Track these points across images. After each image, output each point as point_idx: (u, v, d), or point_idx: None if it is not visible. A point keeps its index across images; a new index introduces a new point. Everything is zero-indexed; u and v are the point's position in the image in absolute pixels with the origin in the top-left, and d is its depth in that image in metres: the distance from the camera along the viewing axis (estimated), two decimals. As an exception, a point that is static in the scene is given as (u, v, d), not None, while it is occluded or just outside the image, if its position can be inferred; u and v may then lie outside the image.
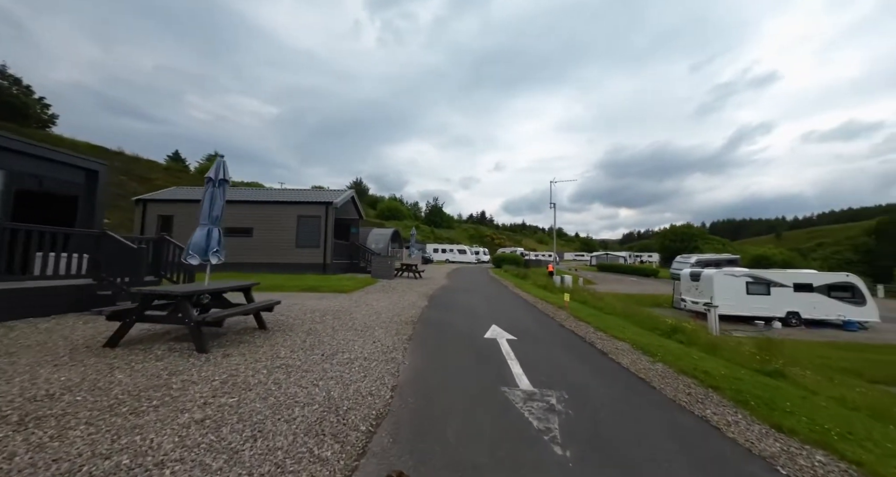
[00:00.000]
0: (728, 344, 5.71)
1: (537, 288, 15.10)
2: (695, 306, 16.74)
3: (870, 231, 57.41)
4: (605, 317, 8.23)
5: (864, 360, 10.37)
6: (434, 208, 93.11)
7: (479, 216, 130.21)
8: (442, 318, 7.46)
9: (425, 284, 14.01)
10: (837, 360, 10.36)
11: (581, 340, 6.01)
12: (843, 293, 14.74)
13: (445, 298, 10.58)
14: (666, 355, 4.86)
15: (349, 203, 17.89)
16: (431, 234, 75.75)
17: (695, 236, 58.87)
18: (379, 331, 5.85)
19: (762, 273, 15.60)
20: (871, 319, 14.45)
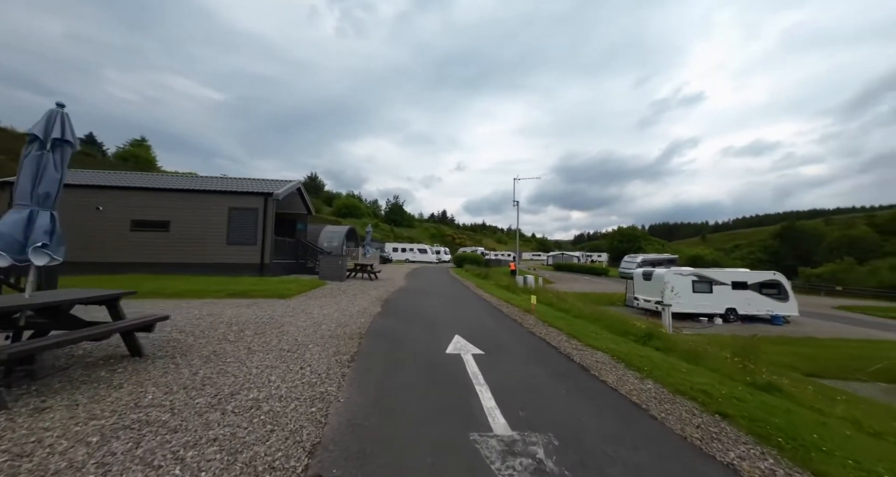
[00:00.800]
0: (707, 351, 5.34)
1: (500, 289, 14.52)
2: (647, 304, 17.36)
3: (775, 235, 66.58)
4: (574, 321, 7.69)
5: (794, 354, 11.11)
6: (394, 206, 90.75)
7: (441, 215, 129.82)
8: (396, 328, 6.33)
9: (381, 286, 12.72)
10: (776, 354, 10.99)
11: (555, 351, 5.26)
12: (771, 290, 16.10)
13: (402, 303, 9.44)
14: (653, 369, 4.23)
15: (295, 196, 15.90)
16: (391, 232, 73.56)
17: (638, 238, 63.73)
18: (313, 350, 4.58)
19: (705, 272, 16.56)
20: (792, 314, 15.94)
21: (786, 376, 6.66)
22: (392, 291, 11.62)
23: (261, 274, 12.53)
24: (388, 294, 10.87)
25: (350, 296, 9.93)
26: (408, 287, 13.56)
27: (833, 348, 11.80)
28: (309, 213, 17.09)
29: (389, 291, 11.53)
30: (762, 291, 16.05)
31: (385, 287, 12.72)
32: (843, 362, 10.46)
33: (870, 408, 4.29)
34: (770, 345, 12.31)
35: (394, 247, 45.50)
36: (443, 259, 49.04)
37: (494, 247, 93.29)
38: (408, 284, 15.04)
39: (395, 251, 44.23)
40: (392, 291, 11.62)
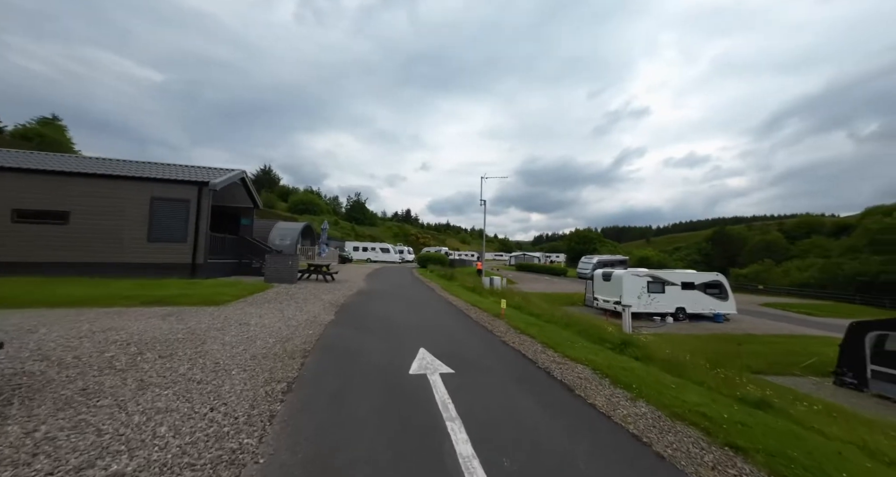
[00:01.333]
0: (686, 360, 5.12)
1: (466, 291, 13.98)
2: (606, 304, 17.87)
3: (708, 239, 74.18)
4: (545, 326, 7.28)
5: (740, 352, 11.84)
6: (356, 204, 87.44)
7: (405, 214, 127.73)
8: (351, 340, 5.40)
9: (337, 289, 11.54)
10: (725, 354, 11.63)
11: (533, 364, 4.69)
12: (714, 290, 17.33)
13: (360, 309, 8.45)
14: (641, 386, 3.80)
15: (238, 187, 14.04)
16: (352, 231, 70.66)
17: (593, 240, 67.41)
18: (237, 378, 3.56)
19: (659, 273, 17.40)
20: (732, 312, 17.28)
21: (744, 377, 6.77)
22: (349, 295, 10.52)
23: (192, 276, 10.73)
24: (345, 298, 9.78)
25: (299, 301, 8.72)
26: (367, 289, 12.49)
27: (769, 344, 12.78)
28: (256, 207, 15.24)
29: (346, 295, 10.43)
30: (707, 290, 17.21)
31: (342, 290, 11.56)
32: (780, 358, 11.28)
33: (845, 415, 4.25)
34: (718, 343, 13.08)
35: (354, 246, 43.43)
36: (406, 259, 47.83)
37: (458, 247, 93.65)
38: (368, 285, 13.95)
39: (356, 250, 42.23)
40: (349, 295, 10.52)
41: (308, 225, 27.98)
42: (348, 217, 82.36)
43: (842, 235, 59.80)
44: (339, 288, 12.03)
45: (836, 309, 22.97)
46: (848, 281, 26.67)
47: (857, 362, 8.69)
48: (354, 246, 43.37)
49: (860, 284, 26.10)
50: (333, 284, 12.98)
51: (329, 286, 12.31)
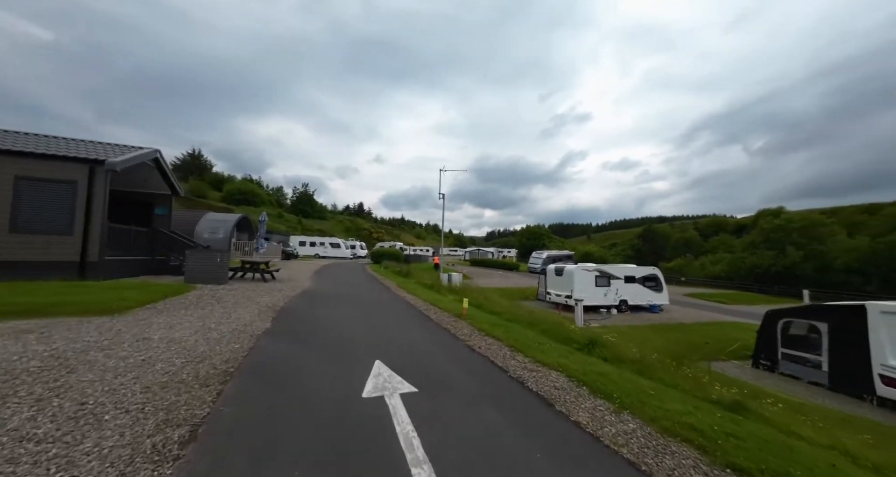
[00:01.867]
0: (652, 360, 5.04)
1: (424, 288, 13.32)
2: (557, 298, 18.49)
3: (638, 236, 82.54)
4: (510, 326, 6.93)
5: (675, 341, 12.84)
6: (303, 195, 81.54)
7: (357, 208, 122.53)
8: (289, 356, 4.44)
9: (278, 290, 10.12)
10: (666, 342, 12.53)
11: (504, 374, 4.21)
12: (651, 283, 18.86)
13: (304, 313, 7.35)
14: (621, 395, 3.51)
15: (149, 170, 11.66)
16: (299, 224, 65.79)
17: (543, 236, 70.94)
18: (108, 427, 2.50)
19: (605, 268, 18.42)
20: (665, 303, 18.97)
21: (685, 364, 7.09)
22: (292, 296, 9.25)
23: (82, 277, 8.56)
24: (287, 300, 8.52)
25: (228, 306, 7.32)
26: (314, 289, 11.21)
27: (697, 332, 14.11)
28: (175, 194, 12.84)
29: (288, 296, 9.14)
30: (645, 283, 18.66)
31: (284, 290, 10.18)
32: (712, 345, 12.44)
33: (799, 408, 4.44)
34: (655, 333, 14.12)
35: (301, 240, 40.23)
36: (358, 255, 45.68)
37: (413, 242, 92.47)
38: (314, 285, 12.59)
39: (303, 245, 39.15)
40: (292, 296, 9.25)
41: (245, 217, 25.04)
42: (294, 209, 76.51)
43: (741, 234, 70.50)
44: (281, 288, 10.59)
45: (740, 297, 26.66)
46: (748, 273, 31.35)
47: (770, 347, 9.79)
48: (301, 240, 40.20)
49: (757, 275, 30.81)
50: (274, 284, 11.44)
51: (268, 286, 10.79)
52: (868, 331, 7.54)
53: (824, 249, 28.28)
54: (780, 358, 9.50)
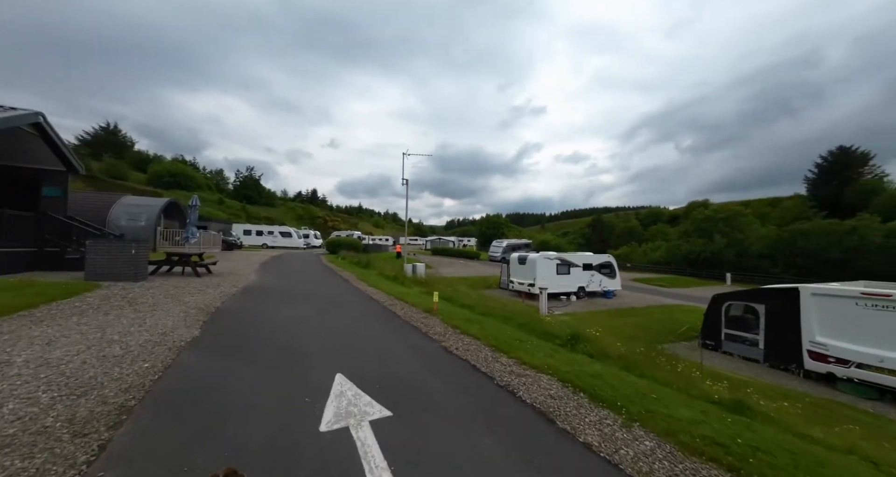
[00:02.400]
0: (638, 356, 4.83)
1: (387, 280, 12.44)
2: (520, 287, 18.69)
3: (588, 225, 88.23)
4: (486, 321, 6.46)
5: (631, 325, 13.54)
6: (248, 180, 74.28)
7: (311, 195, 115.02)
8: (221, 377, 3.46)
9: (214, 286, 8.63)
10: (622, 327, 13.10)
11: (491, 381, 3.65)
12: (606, 270, 19.81)
13: (244, 315, 6.18)
14: (623, 401, 3.14)
15: (29, 139, 9.13)
16: (243, 211, 60.02)
17: (502, 225, 72.58)
18: None
19: (565, 256, 18.92)
20: (618, 288, 20.10)
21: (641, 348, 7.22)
22: (231, 294, 7.89)
23: (-73, 276, 6.40)
24: (223, 299, 7.20)
25: (142, 309, 5.89)
26: (259, 284, 9.82)
27: (648, 316, 15.05)
28: (71, 171, 10.31)
29: (226, 294, 7.77)
30: (601, 270, 19.55)
31: (221, 286, 8.71)
32: (659, 327, 13.30)
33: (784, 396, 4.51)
34: (613, 318, 14.75)
35: (246, 229, 36.54)
36: (312, 244, 42.84)
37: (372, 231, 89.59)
38: (260, 279, 11.10)
39: (248, 234, 35.59)
40: (231, 294, 7.89)
41: (174, 202, 21.80)
42: (238, 195, 69.55)
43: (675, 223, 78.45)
44: (218, 284, 9.07)
45: (677, 281, 29.43)
46: (683, 258, 34.85)
47: (714, 328, 10.58)
48: (246, 229, 36.51)
49: (690, 261, 34.35)
50: (209, 279, 9.81)
51: (202, 282, 9.19)
52: (800, 311, 8.31)
53: (743, 236, 32.23)
54: (723, 338, 10.29)
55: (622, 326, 13.04)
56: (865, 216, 27.40)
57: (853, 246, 26.13)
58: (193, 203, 10.76)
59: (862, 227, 26.22)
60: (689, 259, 34.73)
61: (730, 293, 10.69)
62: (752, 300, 9.68)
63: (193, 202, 10.79)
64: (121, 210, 17.80)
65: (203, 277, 10.18)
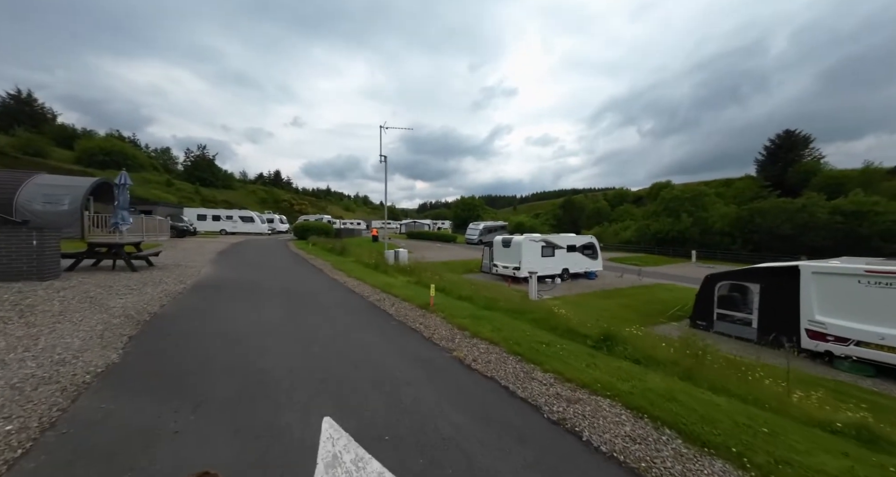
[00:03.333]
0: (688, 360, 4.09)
1: (367, 269, 11.16)
2: (505, 271, 18.10)
3: (559, 206, 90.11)
4: (493, 317, 5.53)
5: (620, 306, 13.37)
6: (200, 160, 67.29)
7: (274, 177, 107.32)
8: (133, 444, 2.22)
9: (154, 284, 6.98)
10: (613, 309, 12.87)
11: (535, 413, 2.72)
12: (588, 250, 19.69)
13: (190, 323, 4.79)
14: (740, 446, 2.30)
15: None
16: (196, 194, 54.60)
17: (476, 207, 72.08)
18: None
19: (550, 238, 18.45)
20: (599, 269, 20.13)
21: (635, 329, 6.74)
22: (175, 294, 6.34)
23: None
24: (162, 303, 5.68)
25: (41, 321, 4.32)
26: (213, 280, 8.22)
27: (634, 297, 15.02)
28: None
29: (169, 294, 6.22)
30: (584, 251, 19.38)
31: (164, 283, 7.08)
32: (646, 308, 13.24)
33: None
34: (600, 300, 14.57)
35: (200, 214, 32.97)
36: (278, 229, 39.87)
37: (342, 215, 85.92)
38: (216, 271, 9.44)
39: (202, 219, 32.15)
40: (175, 294, 6.34)
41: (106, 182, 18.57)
42: (190, 177, 62.97)
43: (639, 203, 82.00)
44: (160, 280, 7.40)
45: (648, 260, 30.47)
46: (652, 237, 36.23)
47: (706, 308, 10.50)
48: (200, 214, 32.96)
49: (659, 239, 35.79)
50: (150, 274, 8.05)
51: (139, 279, 7.45)
52: (800, 289, 8.20)
53: (706, 215, 33.85)
54: (715, 318, 10.22)
55: (612, 308, 12.85)
56: (813, 195, 29.53)
57: (802, 222, 28.13)
58: (122, 181, 8.67)
59: (810, 204, 28.21)
60: (658, 238, 36.12)
61: (723, 273, 10.58)
62: (747, 279, 9.56)
63: (121, 180, 8.69)
64: (34, 191, 14.74)
65: (142, 272, 8.38)
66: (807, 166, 45.30)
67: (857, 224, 25.74)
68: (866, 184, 34.02)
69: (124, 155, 49.57)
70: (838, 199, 28.23)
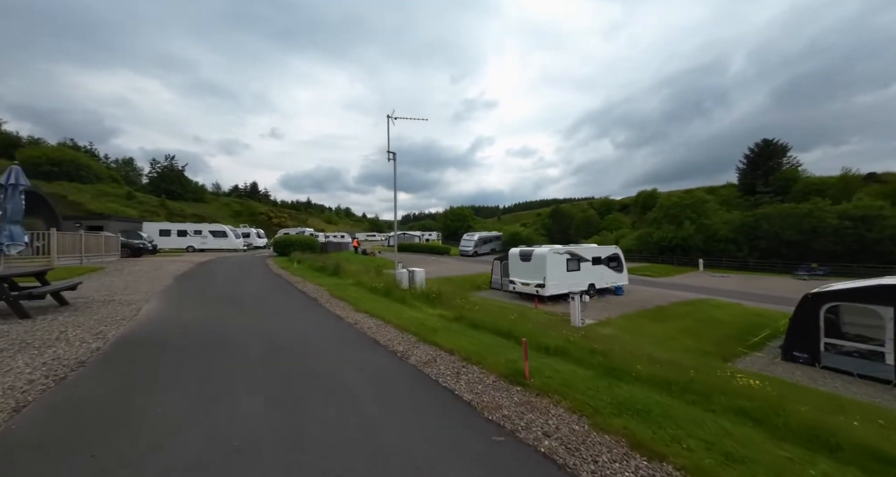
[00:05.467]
0: None
1: (377, 297, 8.45)
2: (525, 288, 15.73)
3: (548, 215, 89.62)
4: (656, 400, 3.07)
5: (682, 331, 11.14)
6: (167, 172, 62.19)
7: (250, 189, 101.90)
8: None
9: (41, 344, 4.11)
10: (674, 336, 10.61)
11: None
12: (613, 262, 17.69)
13: (80, 440, 2.04)
14: None
15: None
16: (162, 207, 49.79)
17: (467, 217, 70.04)
18: None
19: (575, 250, 16.32)
20: (625, 283, 18.13)
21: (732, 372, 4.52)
22: (70, 366, 3.49)
23: None
24: (22, 400, 2.87)
25: None
26: (151, 329, 5.34)
27: (688, 318, 12.89)
28: None
29: (54, 371, 3.38)
30: (609, 264, 17.35)
31: (60, 344, 4.20)
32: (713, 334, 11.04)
33: None
34: (651, 323, 12.29)
35: (163, 228, 28.98)
36: (255, 244, 36.12)
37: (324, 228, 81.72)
38: (160, 311, 6.50)
39: (166, 235, 28.22)
40: (70, 366, 3.49)
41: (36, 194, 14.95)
42: (156, 189, 57.81)
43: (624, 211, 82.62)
44: (59, 336, 4.48)
45: (658, 269, 29.00)
46: (655, 246, 35.14)
47: (808, 336, 8.43)
48: (163, 229, 28.98)
49: (662, 248, 34.72)
50: (48, 323, 5.08)
51: (19, 336, 4.50)
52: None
53: (709, 222, 33.13)
54: (823, 350, 8.16)
55: (672, 334, 10.61)
56: (818, 200, 29.28)
57: (809, 228, 27.59)
58: (9, 180, 5.68)
59: (817, 210, 27.80)
60: (661, 246, 35.04)
61: (832, 292, 8.38)
62: (873, 301, 7.58)
63: (9, 179, 5.70)
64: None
65: (40, 318, 5.38)
66: (786, 174, 46.31)
67: (865, 229, 25.34)
68: (845, 190, 34.52)
69: (77, 165, 44.56)
70: (843, 204, 28.01)
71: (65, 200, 35.10)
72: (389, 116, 10.19)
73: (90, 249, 14.76)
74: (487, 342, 4.92)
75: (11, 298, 5.39)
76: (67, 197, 36.72)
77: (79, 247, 14.06)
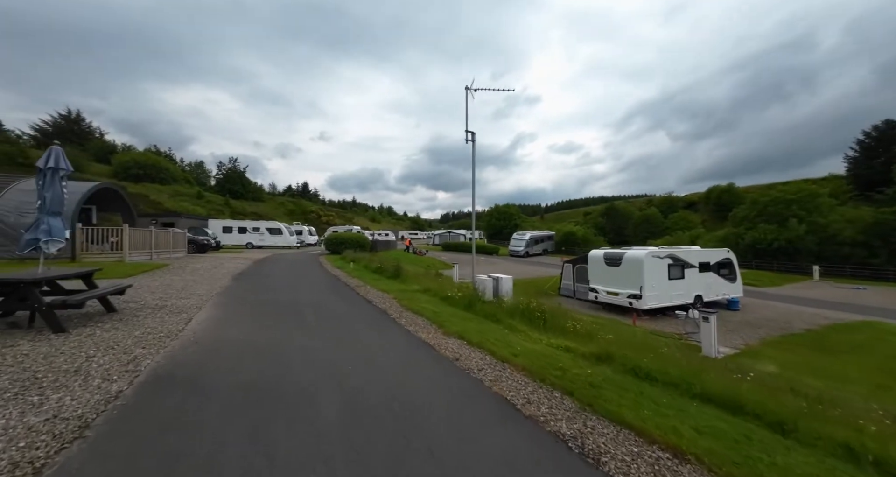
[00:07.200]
0: None
1: (458, 311, 6.71)
2: (612, 298, 13.13)
3: (601, 214, 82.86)
4: None
5: (875, 370, 8.00)
6: (231, 173, 67.09)
7: (301, 189, 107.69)
8: None
9: (61, 375, 2.91)
10: (869, 381, 7.54)
11: None
12: (724, 269, 14.35)
13: None
14: None
15: None
16: (227, 206, 53.51)
17: (513, 215, 66.85)
18: None
19: (678, 253, 13.33)
20: (740, 294, 14.66)
21: None
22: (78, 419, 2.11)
23: None
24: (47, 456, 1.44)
25: None
26: (196, 355, 4.04)
27: (870, 352, 9.41)
28: None
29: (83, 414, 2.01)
30: (720, 271, 14.08)
31: (79, 377, 2.96)
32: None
33: None
34: (818, 357, 9.07)
35: (225, 226, 30.34)
36: (307, 242, 36.84)
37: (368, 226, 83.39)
38: (210, 324, 5.32)
39: (228, 232, 29.44)
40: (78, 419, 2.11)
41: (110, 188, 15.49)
42: (221, 189, 62.67)
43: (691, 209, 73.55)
44: (82, 365, 3.28)
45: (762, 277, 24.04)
46: (748, 248, 29.65)
47: None
48: (225, 226, 30.34)
49: (758, 251, 29.25)
50: (82, 338, 4.00)
51: (42, 358, 3.38)
52: None
53: (825, 221, 27.17)
54: None
55: (861, 378, 7.53)
56: None
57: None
58: (48, 164, 4.75)
59: None
60: (757, 249, 29.54)
61: None
62: None
63: (48, 162, 4.76)
64: (14, 199, 11.65)
65: (78, 330, 4.34)
66: (916, 161, 37.03)
67: None
68: None
69: (156, 168, 49.21)
70: None
71: (147, 199, 38.61)
72: (468, 88, 8.40)
73: (160, 245, 14.92)
74: (694, 414, 2.84)
75: (44, 306, 4.38)
76: (149, 196, 40.40)
77: (149, 243, 14.20)
